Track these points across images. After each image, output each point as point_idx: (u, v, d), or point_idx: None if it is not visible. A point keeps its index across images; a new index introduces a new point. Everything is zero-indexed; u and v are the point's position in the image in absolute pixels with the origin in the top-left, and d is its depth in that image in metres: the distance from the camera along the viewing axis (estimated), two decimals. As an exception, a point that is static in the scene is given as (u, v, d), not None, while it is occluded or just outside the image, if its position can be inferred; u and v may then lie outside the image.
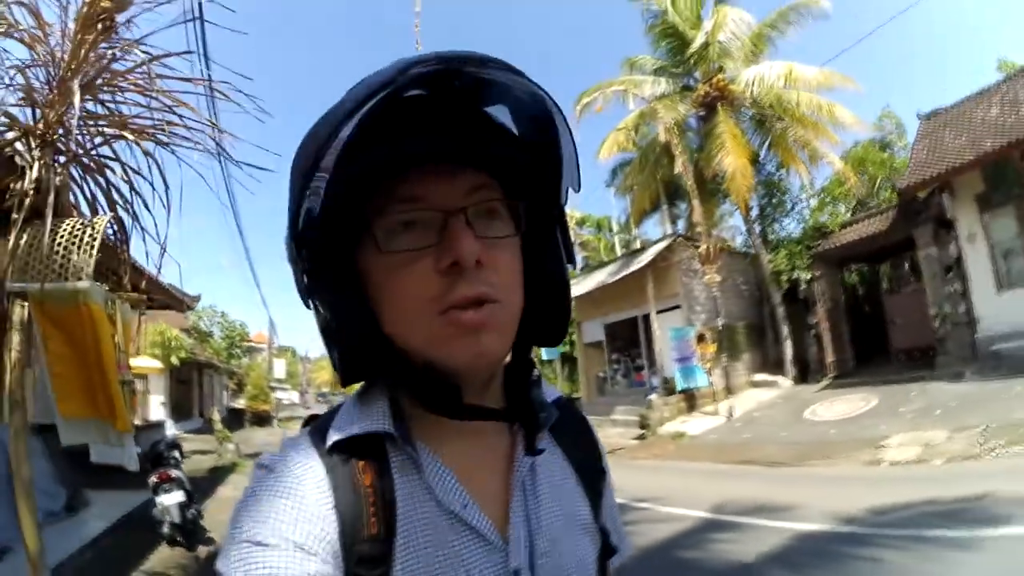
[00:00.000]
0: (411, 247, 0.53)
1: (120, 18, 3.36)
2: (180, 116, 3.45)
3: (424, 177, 0.54)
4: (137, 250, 3.65)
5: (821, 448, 8.88)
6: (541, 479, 0.64)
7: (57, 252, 2.96)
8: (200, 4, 3.80)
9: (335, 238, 0.55)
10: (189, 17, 3.73)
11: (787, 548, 4.75)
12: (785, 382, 14.20)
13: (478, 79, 0.51)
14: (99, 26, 3.19)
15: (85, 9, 3.16)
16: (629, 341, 17.55)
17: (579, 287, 17.51)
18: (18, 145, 3.09)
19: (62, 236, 2.99)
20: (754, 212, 14.93)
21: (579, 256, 28.54)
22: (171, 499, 5.69)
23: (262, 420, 27.35)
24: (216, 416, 18.69)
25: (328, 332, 0.59)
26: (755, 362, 15.29)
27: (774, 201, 15.33)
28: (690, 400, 13.64)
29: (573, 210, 28.61)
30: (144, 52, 3.36)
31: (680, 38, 15.16)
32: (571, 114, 16.15)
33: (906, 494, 5.58)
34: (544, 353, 19.78)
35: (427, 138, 0.52)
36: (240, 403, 28.35)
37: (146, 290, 4.13)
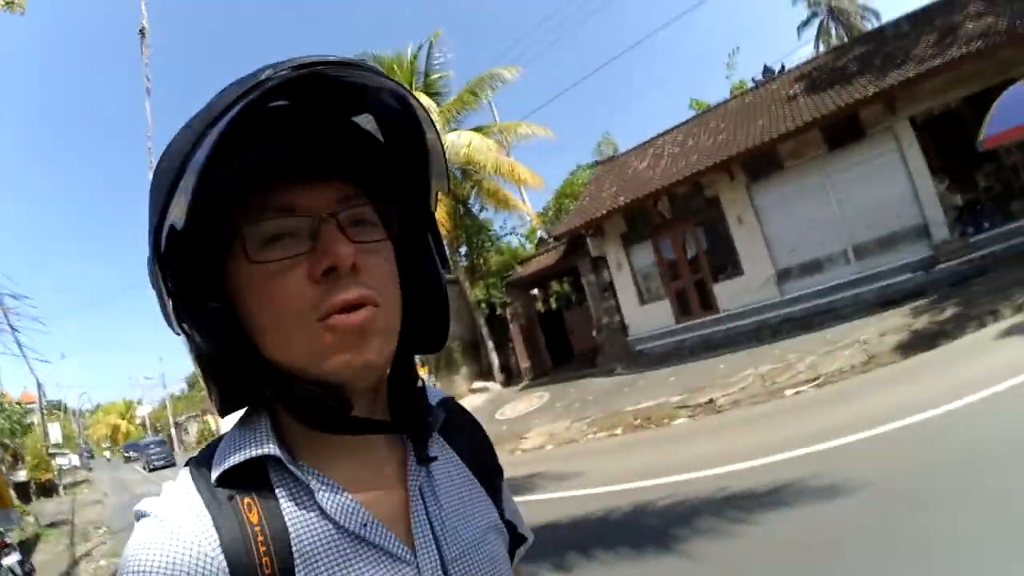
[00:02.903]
0: (283, 255, 0.50)
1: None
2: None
3: (292, 187, 0.52)
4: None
5: (490, 443, 10.96)
6: (440, 484, 0.62)
7: None
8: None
9: (202, 253, 0.52)
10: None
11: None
12: (495, 387, 16.59)
13: (341, 84, 0.50)
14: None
15: None
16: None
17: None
18: None
19: None
20: (464, 249, 17.36)
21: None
22: (11, 559, 7.09)
23: (47, 490, 25.54)
24: (11, 494, 18.07)
25: (201, 359, 0.55)
26: (473, 372, 17.58)
27: (480, 239, 17.93)
28: (415, 412, 15.53)
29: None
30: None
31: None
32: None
33: (509, 474, 7.76)
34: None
35: (293, 144, 0.51)
36: (21, 476, 25.82)
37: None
